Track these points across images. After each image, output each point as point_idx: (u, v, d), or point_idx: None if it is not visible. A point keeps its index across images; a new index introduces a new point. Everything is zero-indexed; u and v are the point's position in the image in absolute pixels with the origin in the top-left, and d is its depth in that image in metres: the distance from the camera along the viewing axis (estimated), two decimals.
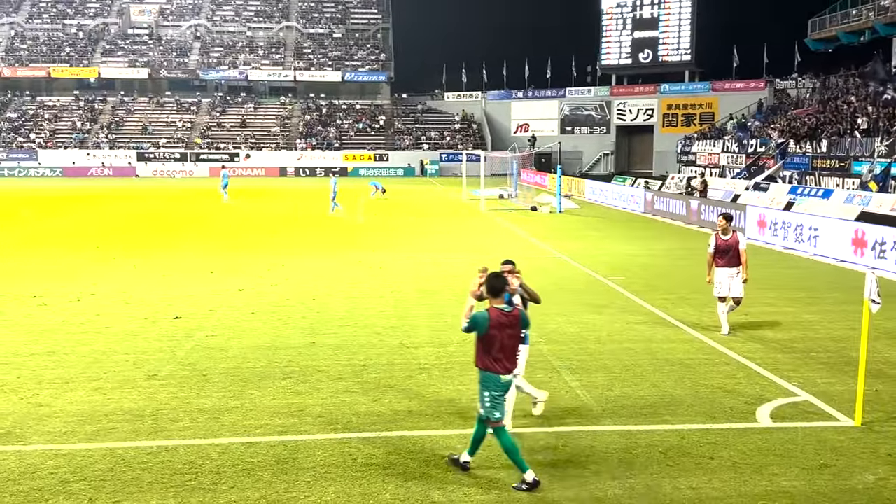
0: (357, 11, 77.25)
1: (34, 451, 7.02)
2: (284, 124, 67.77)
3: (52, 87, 68.62)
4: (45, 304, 13.10)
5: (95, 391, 8.70)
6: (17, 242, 21.44)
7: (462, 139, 66.47)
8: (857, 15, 44.90)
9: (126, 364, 9.72)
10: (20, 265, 17.41)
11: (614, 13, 66.67)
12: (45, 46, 69.69)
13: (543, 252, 20.02)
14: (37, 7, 73.79)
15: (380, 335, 11.23)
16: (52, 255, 18.82)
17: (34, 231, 24.07)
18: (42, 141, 62.54)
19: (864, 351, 7.66)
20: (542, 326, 11.70)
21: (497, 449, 6.61)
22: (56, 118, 66.04)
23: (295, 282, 15.38)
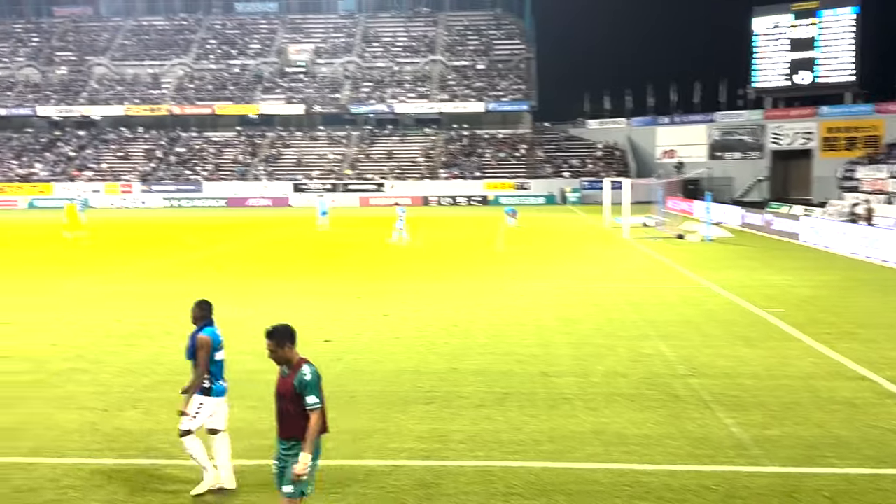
0: (500, 43, 78.26)
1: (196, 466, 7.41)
2: (428, 154, 69.38)
3: (216, 123, 73.72)
4: None
5: (250, 409, 9.11)
6: (184, 267, 22.99)
7: (605, 166, 65.51)
8: None
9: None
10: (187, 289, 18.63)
11: (768, 34, 63.92)
12: (210, 85, 75.04)
13: (691, 282, 19.28)
14: (203, 49, 79.71)
15: (521, 363, 11.14)
16: (216, 279, 20.03)
17: (201, 257, 25.76)
18: (207, 173, 67.13)
19: None
20: (691, 360, 11.24)
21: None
22: (220, 152, 70.76)
23: (437, 308, 15.58)
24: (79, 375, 10.62)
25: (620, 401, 9.35)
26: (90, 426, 8.55)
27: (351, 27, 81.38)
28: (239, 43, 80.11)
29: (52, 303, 16.46)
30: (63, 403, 9.34)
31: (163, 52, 78.94)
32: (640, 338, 12.71)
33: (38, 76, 77.10)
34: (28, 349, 12.18)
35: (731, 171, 64.08)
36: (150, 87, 75.40)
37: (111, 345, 12.49)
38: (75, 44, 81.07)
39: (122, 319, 14.49)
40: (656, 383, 10.07)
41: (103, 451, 7.78)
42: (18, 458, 7.62)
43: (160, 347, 12.29)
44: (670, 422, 8.60)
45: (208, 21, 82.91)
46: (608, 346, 12.16)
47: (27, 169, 68.02)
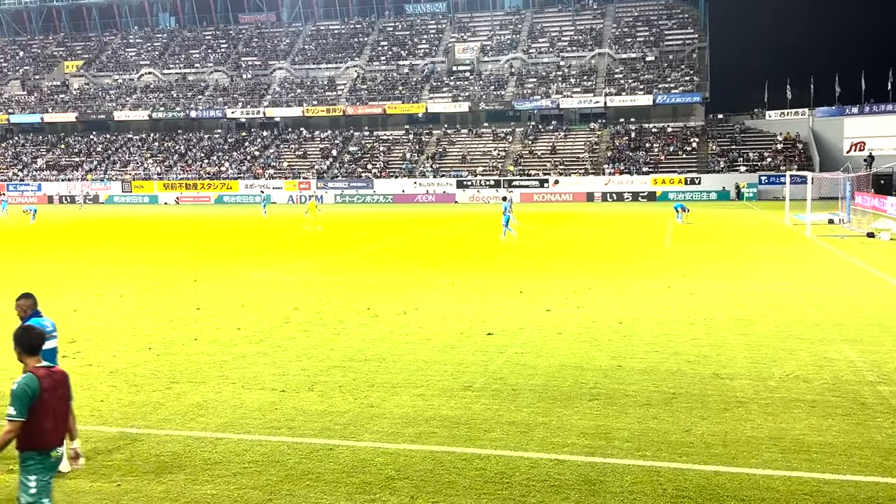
0: (672, 33, 75.63)
1: (365, 448, 7.74)
2: (593, 150, 68.26)
3: (386, 122, 76.39)
4: (376, 316, 14.47)
5: (418, 397, 9.38)
6: (355, 260, 24.03)
7: (785, 160, 61.68)
8: None
9: (445, 374, 10.36)
10: (358, 280, 19.47)
11: None
12: (381, 86, 77.81)
13: (884, 283, 17.74)
14: (376, 51, 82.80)
15: (690, 363, 10.72)
16: (385, 272, 20.79)
17: (371, 250, 26.82)
18: (377, 171, 69.70)
19: None
20: (882, 366, 10.37)
21: None
22: (389, 150, 73.23)
23: (601, 305, 15.30)
24: (261, 358, 11.36)
25: (801, 406, 8.78)
26: (270, 405, 9.12)
27: (517, 23, 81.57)
28: (408, 44, 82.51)
29: (238, 291, 17.71)
30: (247, 384, 10.03)
31: (338, 55, 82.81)
32: (823, 341, 11.87)
33: (227, 80, 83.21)
34: (216, 333, 13.18)
35: None
36: (327, 89, 79.32)
37: (290, 330, 13.26)
38: (259, 49, 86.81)
39: (299, 307, 15.34)
40: (841, 389, 9.36)
41: (281, 430, 8.28)
42: (208, 433, 8.25)
43: (333, 334, 12.90)
44: (857, 430, 7.97)
45: (380, 23, 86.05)
46: (788, 348, 11.44)
47: (216, 167, 73.63)
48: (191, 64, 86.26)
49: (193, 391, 9.75)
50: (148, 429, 8.40)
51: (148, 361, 11.29)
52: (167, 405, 9.20)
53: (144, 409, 9.07)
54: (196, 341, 12.54)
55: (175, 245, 29.55)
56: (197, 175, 72.73)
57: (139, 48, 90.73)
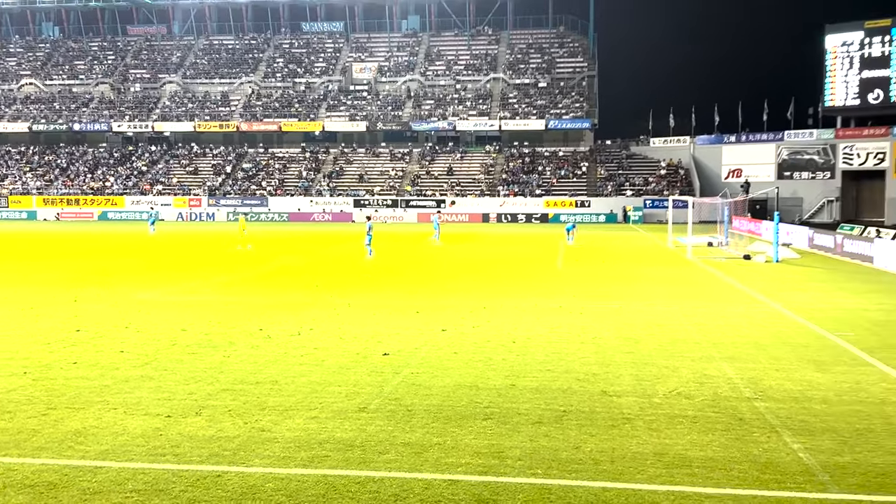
0: (563, 60, 78.10)
1: (254, 474, 7.53)
2: (488, 171, 69.47)
3: (282, 139, 75.32)
4: (269, 337, 14.16)
5: (311, 419, 9.22)
6: (248, 280, 23.48)
7: (668, 185, 64.57)
8: None
9: (339, 395, 10.23)
10: (250, 300, 19.01)
11: (840, 52, 62.29)
12: (277, 103, 76.74)
13: (759, 303, 18.78)
14: (271, 67, 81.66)
15: (580, 381, 11.01)
16: (278, 292, 20.39)
17: (264, 270, 26.25)
18: (272, 189, 68.51)
19: None
20: (758, 382, 10.93)
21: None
22: (285, 168, 72.18)
23: (495, 324, 15.52)
24: (145, 382, 10.90)
25: (684, 422, 9.15)
26: (155, 431, 8.75)
27: (414, 46, 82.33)
28: (305, 61, 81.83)
29: (121, 312, 16.97)
30: (130, 410, 9.59)
31: (232, 71, 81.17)
32: (704, 359, 12.43)
33: (113, 93, 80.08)
34: (97, 356, 12.57)
35: (799, 192, 62.46)
36: (220, 105, 77.52)
37: (177, 353, 12.79)
38: (149, 62, 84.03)
39: (187, 329, 14.84)
40: (721, 406, 9.82)
41: (167, 457, 7.95)
42: (87, 461, 7.84)
43: (223, 357, 12.54)
44: (735, 445, 8.37)
45: (276, 40, 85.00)
46: (671, 366, 11.92)
47: (101, 182, 70.56)
48: (75, 75, 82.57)
49: (72, 417, 9.25)
50: (22, 458, 7.91)
51: (23, 387, 10.65)
52: (43, 432, 8.69)
53: (19, 437, 8.54)
54: (75, 365, 11.92)
55: (54, 263, 28.06)
56: (80, 190, 69.47)
57: (20, 58, 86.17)
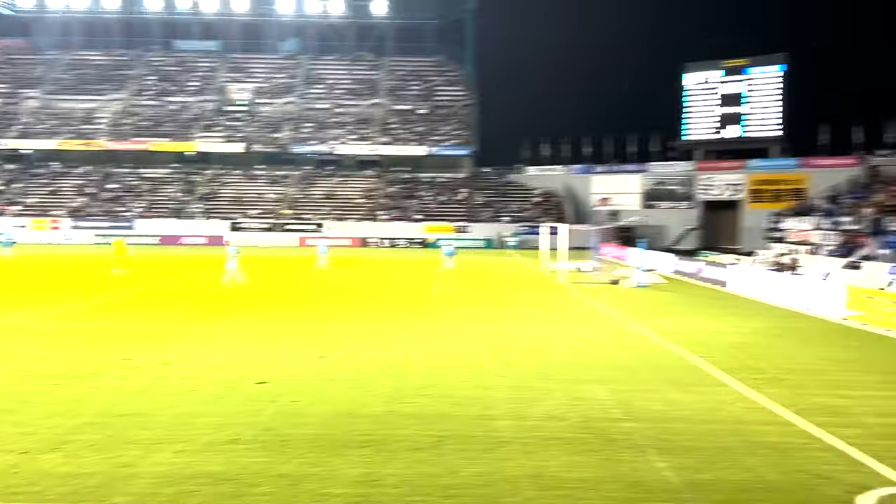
0: (443, 89, 79.44)
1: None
2: (368, 196, 69.46)
3: (152, 159, 72.49)
4: (136, 367, 13.50)
5: (179, 453, 8.83)
6: (113, 305, 22.33)
7: (542, 212, 66.58)
8: None
9: (210, 427, 9.86)
10: (115, 327, 18.08)
11: (699, 89, 66.52)
12: (147, 122, 73.95)
13: (625, 327, 19.59)
14: (141, 85, 78.72)
15: (458, 405, 11.10)
16: (147, 318, 19.50)
17: (131, 294, 25.05)
18: (141, 210, 65.74)
19: None
20: (626, 403, 11.36)
21: None
22: (155, 189, 69.47)
23: (374, 349, 15.44)
24: (2, 416, 10.14)
25: (557, 444, 9.38)
26: (9, 468, 8.14)
27: (293, 68, 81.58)
28: (178, 80, 79.37)
29: None
30: None
31: (99, 87, 77.64)
32: (576, 381, 12.82)
33: None
34: None
35: (663, 220, 65.88)
36: (85, 122, 73.88)
37: (34, 384, 11.98)
38: (9, 76, 79.07)
39: (46, 358, 13.93)
40: (592, 427, 10.14)
41: (21, 496, 7.41)
42: None
43: (87, 387, 11.84)
44: (606, 465, 8.66)
45: (147, 57, 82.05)
46: (546, 389, 12.22)
47: None
48: None
49: None
50: None
51: None
52: None
53: None
54: None
55: None
56: None
57: None
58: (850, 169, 56.61)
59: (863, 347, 16.97)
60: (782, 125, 62.84)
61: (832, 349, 16.75)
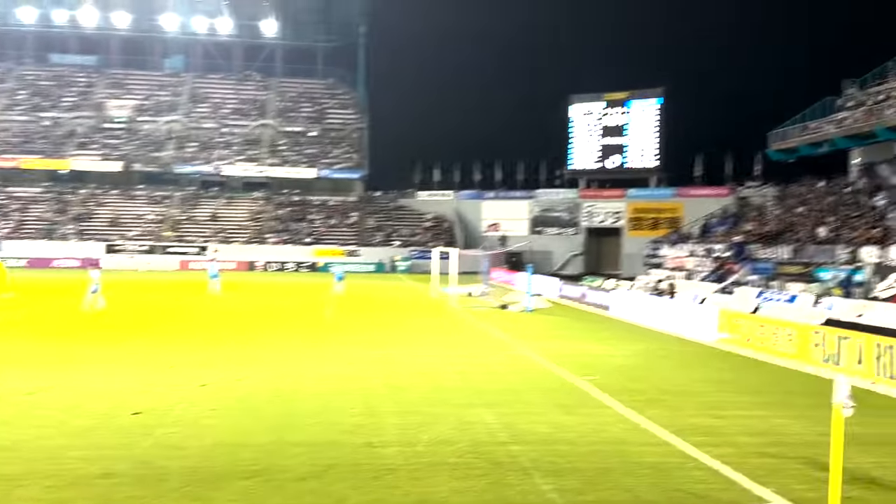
0: (334, 112, 79.06)
1: None
2: (256, 219, 68.01)
3: (22, 178, 68.45)
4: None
5: (46, 489, 8.26)
6: None
7: (433, 237, 67.04)
8: (816, 128, 46.79)
9: (81, 460, 9.28)
10: None
11: (582, 120, 68.98)
12: (17, 138, 69.92)
13: (513, 350, 19.89)
14: (12, 100, 74.46)
15: (346, 433, 10.91)
16: (10, 346, 18.26)
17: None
18: (8, 230, 61.88)
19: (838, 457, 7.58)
20: (512, 426, 11.49)
21: None
22: (24, 209, 65.61)
23: (260, 376, 15.02)
24: None
25: (444, 470, 9.36)
26: None
27: (177, 86, 79.24)
28: (52, 95, 75.54)
29: None
30: None
31: None
32: (465, 406, 12.87)
33: None
34: None
35: (549, 246, 67.66)
36: None
37: None
38: None
39: None
40: (480, 451, 10.18)
41: None
42: None
43: None
44: (492, 489, 8.69)
45: (19, 71, 77.76)
46: (435, 414, 12.20)
47: None
48: None
49: None
50: None
51: None
52: None
53: None
54: None
55: None
56: None
57: None
58: (722, 199, 60.03)
59: (734, 369, 17.87)
60: (659, 156, 65.93)
61: (706, 371, 17.56)
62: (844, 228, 36.82)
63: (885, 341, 15.94)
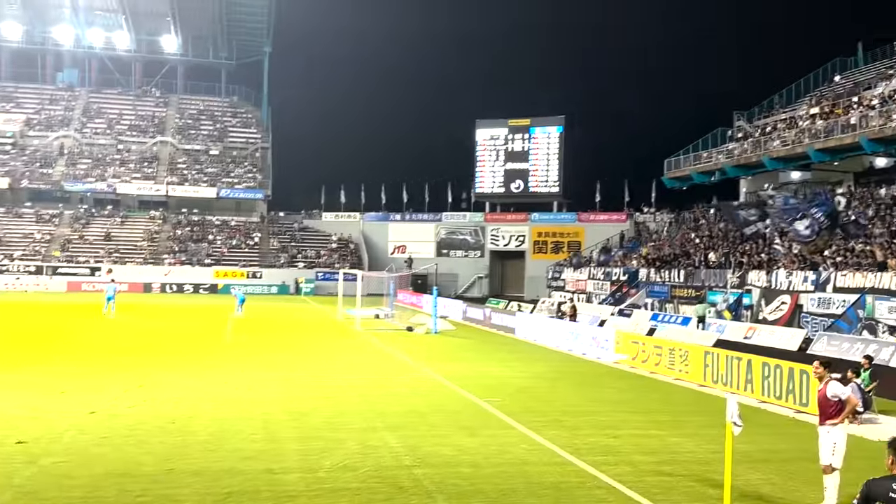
0: (236, 130, 77.53)
1: None
2: (153, 239, 65.70)
3: None
4: None
5: None
6: None
7: (339, 258, 66.42)
8: (707, 157, 49.08)
9: None
10: None
11: (488, 144, 70.06)
12: None
13: (418, 373, 19.86)
14: None
15: (246, 460, 10.60)
16: None
17: None
18: None
19: (729, 474, 7.88)
20: (416, 449, 11.44)
21: None
22: None
23: (155, 403, 14.45)
24: None
25: (346, 495, 9.21)
26: None
27: (70, 100, 75.99)
28: None
29: None
30: None
31: None
32: (368, 430, 12.73)
33: None
34: None
35: (455, 268, 68.10)
36: None
37: None
38: None
39: None
40: (383, 475, 10.07)
41: None
42: None
43: None
44: None
45: None
46: (337, 439, 12.01)
47: None
48: None
49: None
50: None
51: None
52: None
53: None
54: None
55: None
56: None
57: None
58: (620, 224, 62.02)
59: (631, 389, 18.38)
60: (560, 182, 67.64)
61: (604, 391, 18.01)
62: (734, 253, 38.63)
63: (772, 362, 16.77)
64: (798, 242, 35.21)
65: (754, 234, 39.52)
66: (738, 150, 46.03)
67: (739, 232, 41.21)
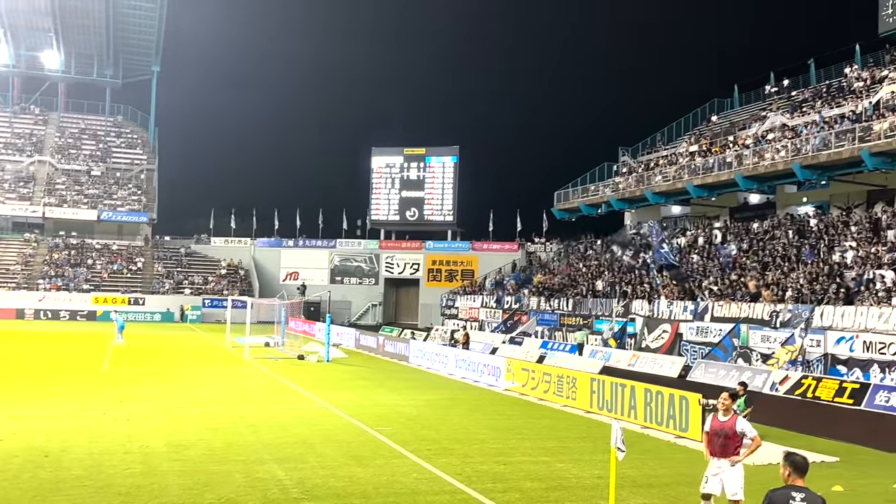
0: (120, 150, 74.65)
1: None
2: (27, 263, 62.09)
3: None
4: None
5: None
6: None
7: (228, 285, 64.67)
8: (595, 190, 50.92)
9: None
10: None
11: (383, 172, 70.23)
12: None
13: (309, 402, 19.50)
14: None
15: (122, 496, 10.10)
16: None
17: None
18: None
19: (613, 499, 8.11)
20: (305, 482, 11.22)
21: None
22: None
23: (25, 436, 13.58)
24: None
25: None
26: None
27: None
28: None
29: None
30: None
31: None
32: (256, 462, 12.38)
33: None
34: None
35: (349, 296, 67.54)
36: None
37: None
38: None
39: None
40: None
41: None
42: None
43: None
44: None
45: None
46: (223, 471, 11.61)
47: None
48: None
49: None
50: None
51: None
52: None
53: None
54: None
55: None
56: None
57: None
58: (512, 253, 63.28)
59: (521, 416, 18.65)
60: (454, 211, 68.49)
61: (495, 418, 18.20)
62: (619, 283, 40.03)
63: (654, 388, 17.40)
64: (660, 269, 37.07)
65: (639, 263, 41.15)
66: (623, 184, 47.99)
67: (623, 262, 42.81)
